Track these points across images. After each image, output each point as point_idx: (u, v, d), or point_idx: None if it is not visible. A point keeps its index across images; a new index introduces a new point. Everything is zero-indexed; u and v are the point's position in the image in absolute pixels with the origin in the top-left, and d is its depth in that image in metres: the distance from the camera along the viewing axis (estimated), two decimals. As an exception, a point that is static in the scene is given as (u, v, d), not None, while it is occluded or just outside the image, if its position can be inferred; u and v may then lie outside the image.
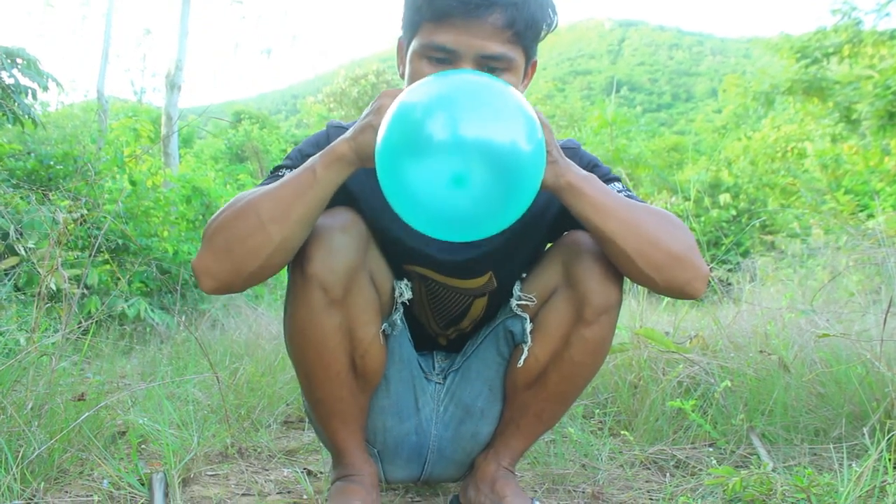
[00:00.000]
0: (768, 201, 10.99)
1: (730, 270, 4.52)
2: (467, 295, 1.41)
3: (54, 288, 1.99)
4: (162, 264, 4.20)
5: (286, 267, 1.25)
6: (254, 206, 1.12)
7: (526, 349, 1.32)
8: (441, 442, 1.43)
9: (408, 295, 1.31)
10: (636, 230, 1.16)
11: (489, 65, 1.18)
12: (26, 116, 3.42)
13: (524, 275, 1.37)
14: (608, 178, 1.36)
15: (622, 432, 1.99)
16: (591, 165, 1.38)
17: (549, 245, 1.41)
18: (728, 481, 1.45)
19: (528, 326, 1.32)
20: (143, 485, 1.51)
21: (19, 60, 3.38)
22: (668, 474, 1.74)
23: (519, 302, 1.33)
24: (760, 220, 8.77)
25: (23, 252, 2.69)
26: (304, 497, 1.56)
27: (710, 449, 1.89)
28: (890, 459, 1.40)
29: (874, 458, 1.34)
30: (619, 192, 1.32)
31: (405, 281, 1.33)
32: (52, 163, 4.10)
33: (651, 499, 1.56)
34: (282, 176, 1.27)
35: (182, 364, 2.80)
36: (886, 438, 1.42)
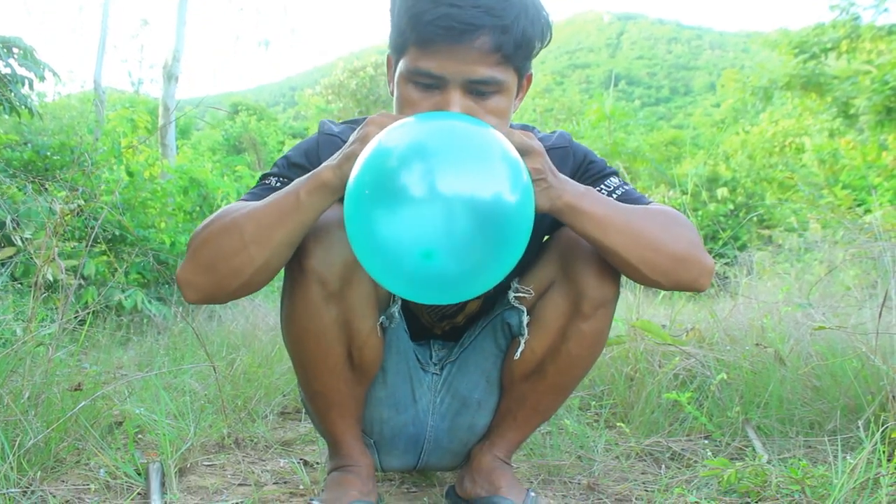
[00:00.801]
0: (766, 196, 11.00)
1: (727, 264, 4.53)
2: None
3: (51, 278, 1.99)
4: (159, 255, 4.20)
5: None
6: (238, 225, 1.12)
7: (523, 342, 1.32)
8: (437, 432, 1.43)
9: None
10: (637, 239, 1.16)
11: (478, 89, 1.15)
12: (23, 106, 3.41)
13: None
14: (604, 174, 1.35)
15: (618, 424, 1.99)
16: (585, 161, 1.37)
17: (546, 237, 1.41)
18: (723, 473, 1.46)
19: (526, 319, 1.32)
20: (139, 474, 1.51)
21: (15, 50, 3.37)
22: (663, 466, 1.75)
23: (516, 294, 1.33)
24: (757, 213, 8.78)
25: (19, 242, 2.68)
26: (301, 487, 1.56)
27: (706, 441, 1.90)
28: (884, 452, 1.40)
29: (868, 450, 1.34)
30: (616, 187, 1.32)
31: None
32: (48, 153, 4.10)
33: (646, 490, 1.56)
34: (268, 185, 1.28)
35: (179, 355, 2.81)
36: (880, 431, 1.43)
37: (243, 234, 1.11)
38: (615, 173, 1.37)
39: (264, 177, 1.31)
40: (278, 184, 1.27)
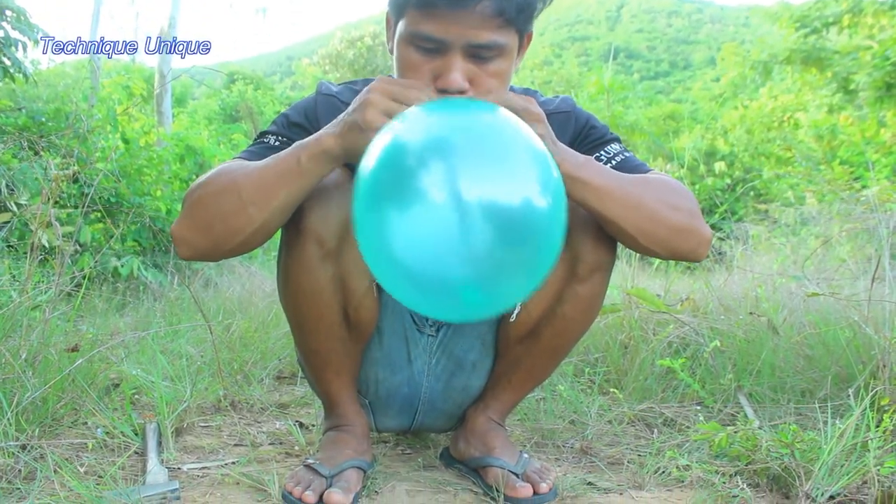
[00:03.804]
0: (763, 170, 10.99)
1: (723, 238, 4.54)
2: None
3: (46, 244, 1.99)
4: (155, 222, 4.19)
5: None
6: (237, 185, 1.11)
7: (519, 304, 1.33)
8: (432, 394, 1.44)
9: None
10: (636, 209, 1.16)
11: (479, 53, 1.12)
12: (18, 71, 3.37)
13: None
14: (605, 140, 1.35)
15: (611, 390, 2.01)
16: (587, 126, 1.37)
17: None
18: (714, 437, 1.48)
19: None
20: (136, 434, 1.53)
21: (8, 12, 3.32)
22: (655, 431, 1.77)
23: None
24: (752, 184, 8.78)
25: (14, 208, 2.67)
26: (296, 448, 1.58)
27: (698, 407, 1.92)
28: (873, 418, 1.42)
29: (857, 415, 1.36)
30: (616, 154, 1.32)
31: None
32: (43, 119, 4.06)
33: (638, 454, 1.58)
34: (267, 143, 1.27)
35: (176, 320, 2.81)
36: (870, 396, 1.44)
37: (241, 194, 1.11)
38: (617, 140, 1.36)
39: (262, 134, 1.31)
40: (276, 142, 1.27)
